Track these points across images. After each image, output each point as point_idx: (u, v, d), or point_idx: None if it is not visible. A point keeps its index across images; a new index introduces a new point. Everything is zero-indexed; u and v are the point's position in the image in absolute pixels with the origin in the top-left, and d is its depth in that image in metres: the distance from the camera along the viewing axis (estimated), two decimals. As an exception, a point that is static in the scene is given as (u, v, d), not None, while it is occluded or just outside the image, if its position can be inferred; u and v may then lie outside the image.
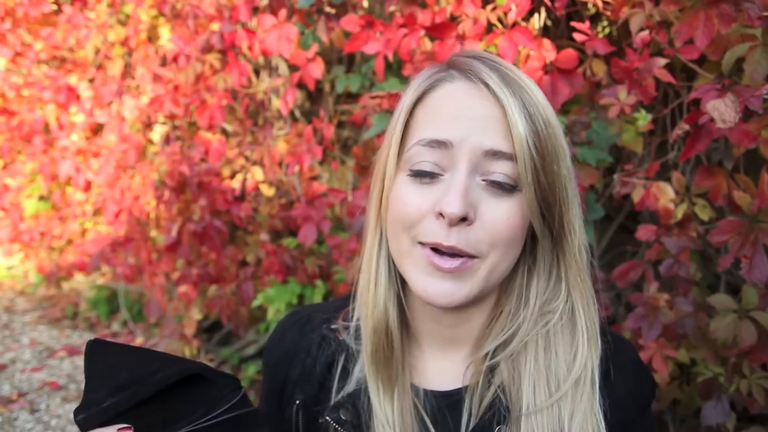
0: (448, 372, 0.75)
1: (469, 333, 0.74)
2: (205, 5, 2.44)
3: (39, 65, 3.96)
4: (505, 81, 0.64)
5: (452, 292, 0.65)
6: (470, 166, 0.63)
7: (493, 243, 0.64)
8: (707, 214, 1.28)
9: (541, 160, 0.63)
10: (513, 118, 0.62)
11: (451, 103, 0.66)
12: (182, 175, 2.64)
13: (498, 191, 0.64)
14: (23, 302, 4.74)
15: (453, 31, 1.43)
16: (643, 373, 0.78)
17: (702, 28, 1.11)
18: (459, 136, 0.64)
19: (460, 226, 0.63)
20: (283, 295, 2.59)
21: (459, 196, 0.62)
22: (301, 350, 0.79)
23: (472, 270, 0.65)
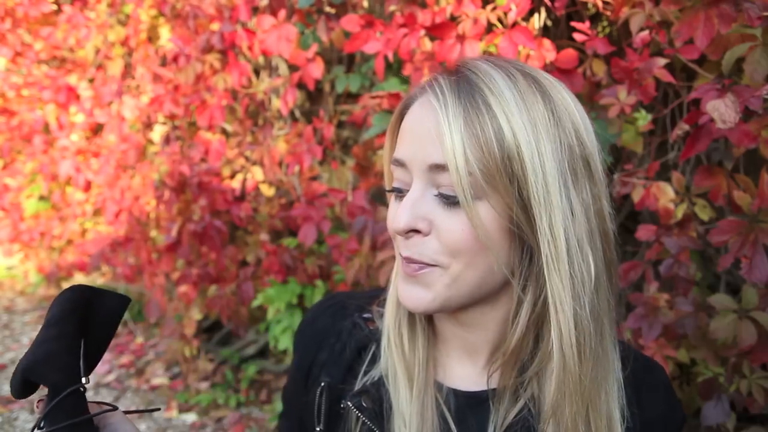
0: (471, 374, 0.75)
1: (488, 338, 0.73)
2: (205, 5, 2.44)
3: (39, 65, 3.96)
4: (455, 88, 0.62)
5: (418, 297, 0.66)
6: (422, 182, 0.64)
7: (453, 253, 0.63)
8: (707, 214, 1.28)
9: (485, 169, 0.60)
10: (441, 130, 0.60)
11: (413, 118, 0.66)
12: (182, 175, 2.64)
13: (448, 203, 0.63)
14: (23, 302, 4.74)
15: (453, 31, 1.43)
16: (676, 400, 0.78)
17: (702, 28, 1.11)
18: (409, 154, 0.65)
19: (415, 238, 0.64)
20: (283, 295, 2.59)
21: (404, 211, 0.63)
22: (331, 334, 0.80)
23: (432, 277, 0.65)
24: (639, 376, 0.73)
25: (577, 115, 0.66)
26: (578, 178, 0.64)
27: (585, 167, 0.65)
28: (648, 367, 0.76)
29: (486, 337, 0.73)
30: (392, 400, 0.72)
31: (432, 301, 0.66)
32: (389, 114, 1.65)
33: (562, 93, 0.66)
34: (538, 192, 0.61)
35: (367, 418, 0.71)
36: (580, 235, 0.63)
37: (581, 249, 0.63)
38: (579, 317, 0.63)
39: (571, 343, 0.63)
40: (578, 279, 0.63)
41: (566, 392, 0.64)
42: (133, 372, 3.43)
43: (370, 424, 0.71)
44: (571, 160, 0.63)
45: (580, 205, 0.64)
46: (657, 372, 0.77)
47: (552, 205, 0.61)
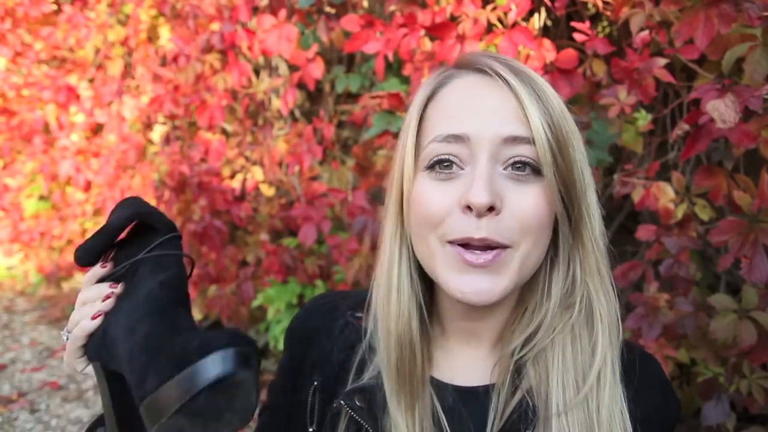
0: (471, 367, 0.74)
1: (492, 327, 0.73)
2: (205, 5, 2.44)
3: (39, 65, 3.96)
4: (513, 71, 0.66)
5: (489, 288, 0.64)
6: (491, 156, 0.64)
7: (524, 231, 0.64)
8: (707, 214, 1.28)
9: (557, 145, 0.64)
10: (527, 104, 0.63)
11: (463, 96, 0.67)
12: (182, 175, 2.64)
13: (521, 177, 0.64)
14: (23, 302, 4.74)
15: (453, 31, 1.43)
16: (672, 393, 0.77)
17: (702, 28, 1.11)
18: (475, 127, 0.64)
19: (488, 217, 0.62)
20: (283, 295, 2.59)
21: (484, 184, 0.61)
22: (323, 333, 0.79)
23: (505, 262, 0.64)
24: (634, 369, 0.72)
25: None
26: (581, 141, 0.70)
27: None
28: (645, 364, 0.75)
29: (494, 324, 0.73)
30: (387, 401, 0.71)
31: (505, 289, 0.64)
32: (389, 114, 1.65)
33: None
34: (585, 173, 0.68)
35: (360, 417, 0.71)
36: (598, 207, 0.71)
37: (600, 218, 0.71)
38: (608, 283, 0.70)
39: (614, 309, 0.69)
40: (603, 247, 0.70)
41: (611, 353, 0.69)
42: (133, 372, 3.43)
43: (363, 423, 0.70)
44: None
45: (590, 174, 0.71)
46: (653, 365, 0.77)
47: (591, 186, 0.69)
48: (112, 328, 0.62)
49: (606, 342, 0.68)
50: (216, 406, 0.53)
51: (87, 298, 0.67)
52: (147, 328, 0.59)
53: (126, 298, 0.64)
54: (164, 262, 0.65)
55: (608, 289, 0.70)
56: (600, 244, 0.69)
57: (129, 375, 0.57)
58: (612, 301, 0.70)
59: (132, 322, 0.60)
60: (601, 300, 0.69)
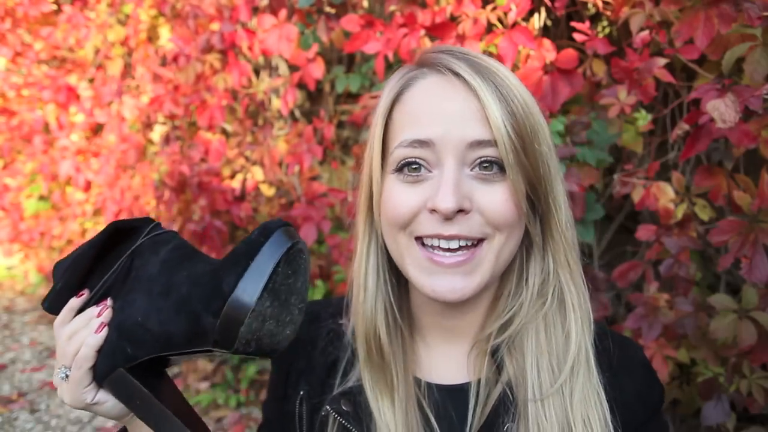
0: (453, 364, 0.75)
1: (472, 321, 0.74)
2: (205, 5, 2.44)
3: (39, 65, 3.96)
4: (475, 69, 0.65)
5: (462, 286, 0.65)
6: (457, 160, 0.64)
7: (496, 225, 0.65)
8: (707, 214, 1.28)
9: (521, 142, 0.64)
10: (488, 105, 0.63)
11: (427, 99, 0.67)
12: (182, 175, 2.64)
13: (489, 177, 0.65)
14: (23, 302, 4.74)
15: (453, 31, 1.43)
16: (653, 377, 0.78)
17: (702, 28, 1.11)
18: (439, 132, 0.64)
19: (458, 218, 0.64)
20: (283, 295, 2.59)
21: (451, 189, 0.63)
22: (307, 342, 0.80)
23: (479, 257, 0.66)
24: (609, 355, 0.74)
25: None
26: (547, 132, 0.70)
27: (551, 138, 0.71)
28: (625, 350, 0.76)
29: (473, 319, 0.74)
30: (372, 406, 0.72)
31: (478, 285, 0.66)
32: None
33: None
34: (552, 166, 0.67)
35: (346, 421, 0.72)
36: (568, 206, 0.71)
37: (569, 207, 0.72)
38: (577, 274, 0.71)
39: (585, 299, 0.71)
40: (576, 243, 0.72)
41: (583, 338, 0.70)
42: (133, 372, 3.43)
43: (350, 427, 0.71)
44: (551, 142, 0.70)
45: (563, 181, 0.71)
46: (632, 350, 0.78)
47: (558, 178, 0.69)
48: (129, 319, 0.61)
49: (579, 330, 0.70)
50: (287, 282, 0.56)
51: (74, 329, 0.65)
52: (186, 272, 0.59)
53: (130, 293, 0.63)
54: (161, 239, 0.65)
55: (578, 279, 0.72)
56: (567, 236, 0.71)
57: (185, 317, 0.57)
58: (582, 291, 0.72)
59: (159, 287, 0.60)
60: (572, 290, 0.71)
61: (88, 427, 2.80)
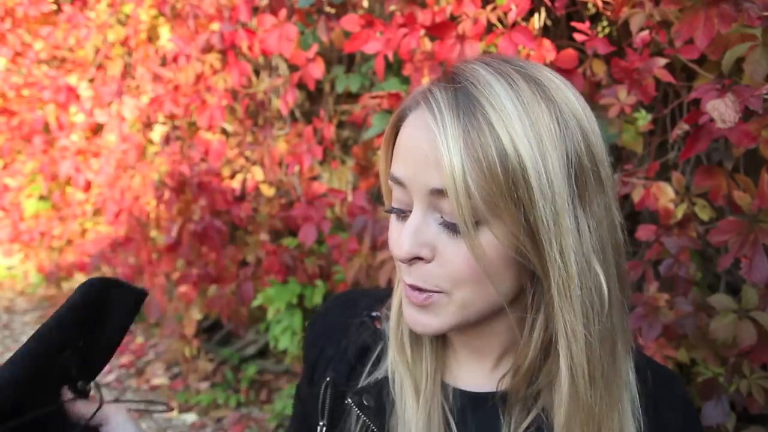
0: (479, 375, 0.73)
1: (494, 344, 0.71)
2: (205, 5, 2.44)
3: (39, 65, 3.96)
4: (453, 104, 0.57)
5: (425, 323, 0.64)
6: (423, 206, 0.60)
7: (455, 281, 0.61)
8: (707, 214, 1.28)
9: (487, 194, 0.55)
10: (442, 152, 0.55)
11: (405, 137, 0.62)
12: (182, 175, 2.64)
13: (453, 231, 0.59)
14: (23, 302, 4.74)
15: (453, 31, 1.43)
16: (694, 412, 0.76)
17: (702, 28, 1.11)
18: (408, 175, 0.61)
19: (417, 265, 0.62)
20: (283, 295, 2.60)
21: (406, 237, 0.60)
22: (340, 329, 0.79)
23: (439, 304, 0.63)
24: (656, 389, 0.70)
25: (585, 119, 0.61)
26: (588, 191, 0.59)
27: (595, 177, 0.60)
28: (666, 380, 0.73)
29: (494, 341, 0.71)
30: (396, 405, 0.71)
31: (440, 326, 0.64)
32: (389, 114, 1.65)
33: (566, 94, 0.60)
34: (546, 216, 0.56)
35: (366, 417, 0.71)
36: (590, 255, 0.59)
37: (591, 270, 0.59)
38: (591, 346, 0.60)
39: (583, 372, 0.60)
40: (589, 304, 0.59)
41: (578, 420, 0.62)
42: (133, 372, 3.43)
43: (369, 423, 0.71)
44: (580, 173, 0.58)
45: (592, 220, 0.59)
46: (675, 385, 0.74)
47: (561, 228, 0.57)
48: None
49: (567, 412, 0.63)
50: None
51: None
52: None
53: None
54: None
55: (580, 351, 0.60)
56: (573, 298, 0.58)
57: None
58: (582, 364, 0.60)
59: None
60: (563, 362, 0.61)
61: (88, 427, 2.80)
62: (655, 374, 0.71)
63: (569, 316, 0.59)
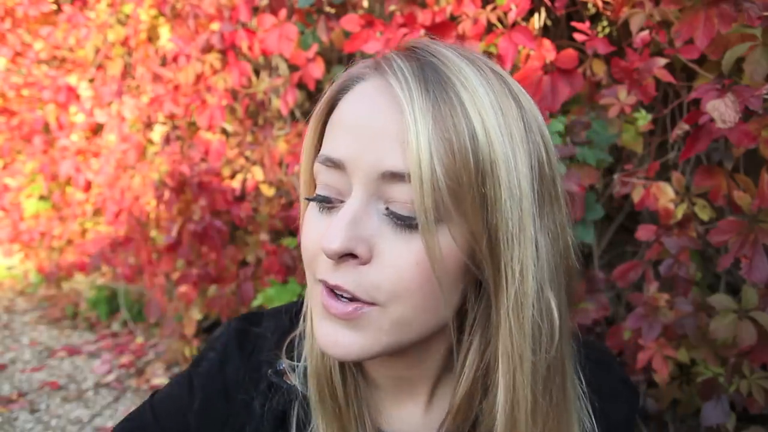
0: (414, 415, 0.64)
1: (424, 374, 0.62)
2: (205, 5, 2.44)
3: (39, 65, 3.96)
4: (421, 76, 0.49)
5: (347, 343, 0.51)
6: (366, 192, 0.50)
7: (395, 291, 0.49)
8: (707, 214, 1.28)
9: (453, 182, 0.47)
10: (410, 126, 0.47)
11: (353, 110, 0.53)
12: (182, 175, 2.64)
13: (402, 226, 0.49)
14: (23, 302, 4.74)
15: (453, 31, 1.43)
16: (633, 391, 0.72)
17: (702, 28, 1.11)
18: (352, 154, 0.50)
19: (349, 265, 0.50)
20: (283, 295, 2.59)
21: (340, 229, 0.49)
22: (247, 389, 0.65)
23: (369, 319, 0.51)
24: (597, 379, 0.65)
25: (545, 128, 0.55)
26: (546, 203, 0.52)
27: (554, 189, 0.54)
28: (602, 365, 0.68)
29: (423, 374, 0.61)
30: None
31: (368, 349, 0.52)
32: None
33: (527, 97, 0.55)
34: (512, 219, 0.49)
35: None
36: (543, 274, 0.51)
37: (544, 292, 0.51)
38: (536, 375, 0.52)
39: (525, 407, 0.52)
40: (539, 326, 0.51)
41: None
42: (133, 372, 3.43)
43: None
44: (541, 182, 0.52)
45: (548, 236, 0.52)
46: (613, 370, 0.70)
47: (524, 237, 0.49)
48: None
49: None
50: None
51: None
52: None
53: None
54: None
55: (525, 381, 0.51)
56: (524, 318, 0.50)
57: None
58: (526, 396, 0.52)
59: None
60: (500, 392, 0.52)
61: (88, 427, 2.80)
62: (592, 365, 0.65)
63: (518, 338, 0.51)
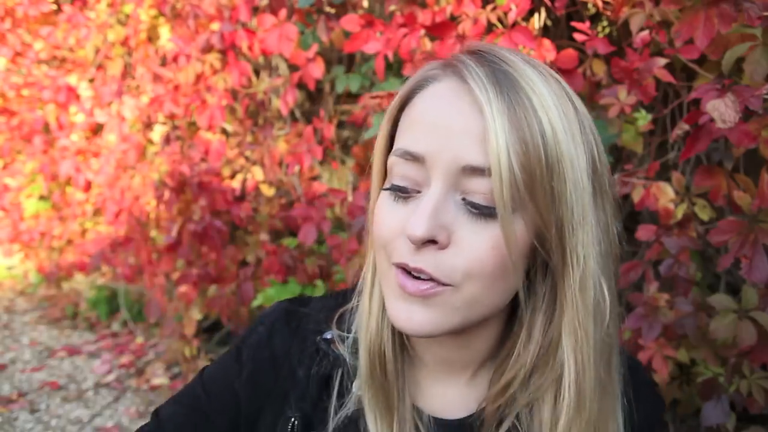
0: (452, 395, 0.69)
1: (472, 357, 0.67)
2: (205, 5, 2.44)
3: (39, 65, 3.96)
4: (494, 79, 0.55)
5: (421, 320, 0.56)
6: (446, 184, 0.55)
7: (470, 273, 0.55)
8: (707, 214, 1.28)
9: (527, 177, 0.53)
10: (490, 126, 0.53)
11: (432, 108, 0.58)
12: (182, 175, 2.64)
13: (479, 214, 0.55)
14: (23, 302, 4.74)
15: (453, 31, 1.43)
16: (658, 395, 0.75)
17: (702, 28, 1.11)
18: (433, 149, 0.56)
19: (429, 249, 0.55)
20: (283, 295, 2.59)
21: (424, 216, 0.54)
22: (292, 359, 0.71)
23: (442, 298, 0.56)
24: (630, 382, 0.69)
25: (594, 127, 0.61)
26: (598, 195, 0.58)
27: (604, 184, 0.60)
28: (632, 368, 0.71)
29: (471, 356, 0.67)
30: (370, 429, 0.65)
31: (441, 325, 0.57)
32: (389, 114, 1.65)
33: (579, 99, 0.61)
34: (576, 210, 0.55)
35: None
36: (601, 258, 0.58)
37: (603, 274, 0.58)
38: (597, 351, 0.58)
39: (590, 378, 0.58)
40: (599, 305, 0.58)
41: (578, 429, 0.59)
42: (133, 372, 3.43)
43: None
44: (595, 176, 0.58)
45: (601, 225, 0.58)
46: (640, 374, 0.74)
47: (586, 225, 0.56)
48: None
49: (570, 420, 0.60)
50: None
51: None
52: None
53: None
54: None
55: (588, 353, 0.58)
56: (586, 295, 0.57)
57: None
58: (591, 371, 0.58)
59: None
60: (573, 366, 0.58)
61: (88, 427, 2.80)
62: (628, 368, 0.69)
63: (584, 315, 0.57)
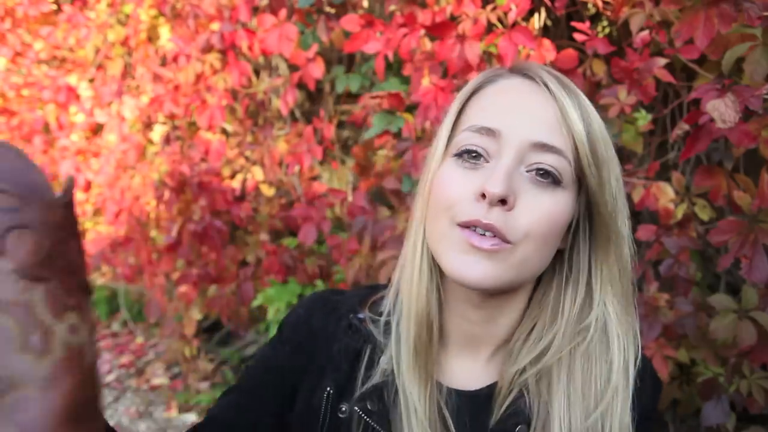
0: (471, 371, 0.75)
1: (494, 333, 0.74)
2: (205, 5, 2.44)
3: (39, 65, 3.96)
4: (561, 82, 0.68)
5: (484, 272, 0.64)
6: (516, 156, 0.65)
7: (528, 233, 0.64)
8: (707, 214, 1.28)
9: (593, 160, 0.66)
10: (571, 116, 0.65)
11: (505, 95, 0.69)
12: (182, 175, 2.64)
13: (541, 183, 0.65)
14: (23, 302, 4.74)
15: (453, 31, 1.43)
16: (658, 387, 0.80)
17: (702, 28, 1.11)
18: (508, 124, 0.66)
19: (499, 209, 0.63)
20: (283, 295, 2.59)
21: (502, 179, 0.63)
22: (328, 335, 0.78)
23: (504, 254, 0.64)
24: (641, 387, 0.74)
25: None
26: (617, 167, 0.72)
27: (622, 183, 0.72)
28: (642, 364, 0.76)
29: (495, 332, 0.74)
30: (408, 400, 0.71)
31: (499, 278, 0.65)
32: (389, 114, 1.65)
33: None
34: (618, 199, 0.69)
35: (373, 421, 0.71)
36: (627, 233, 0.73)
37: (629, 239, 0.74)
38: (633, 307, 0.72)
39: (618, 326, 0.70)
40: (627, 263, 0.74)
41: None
42: (133, 372, 3.43)
43: (377, 427, 0.71)
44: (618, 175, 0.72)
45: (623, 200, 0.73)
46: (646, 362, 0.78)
47: (621, 207, 0.71)
48: None
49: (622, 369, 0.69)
50: None
51: None
52: None
53: None
54: None
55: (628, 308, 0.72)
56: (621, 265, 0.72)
57: None
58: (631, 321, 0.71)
59: None
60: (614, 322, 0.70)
61: (88, 427, 2.80)
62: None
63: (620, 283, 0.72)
